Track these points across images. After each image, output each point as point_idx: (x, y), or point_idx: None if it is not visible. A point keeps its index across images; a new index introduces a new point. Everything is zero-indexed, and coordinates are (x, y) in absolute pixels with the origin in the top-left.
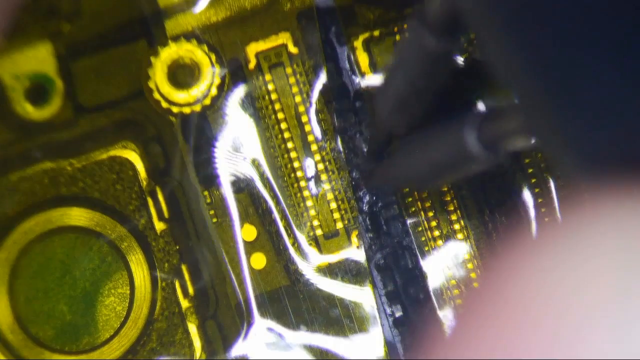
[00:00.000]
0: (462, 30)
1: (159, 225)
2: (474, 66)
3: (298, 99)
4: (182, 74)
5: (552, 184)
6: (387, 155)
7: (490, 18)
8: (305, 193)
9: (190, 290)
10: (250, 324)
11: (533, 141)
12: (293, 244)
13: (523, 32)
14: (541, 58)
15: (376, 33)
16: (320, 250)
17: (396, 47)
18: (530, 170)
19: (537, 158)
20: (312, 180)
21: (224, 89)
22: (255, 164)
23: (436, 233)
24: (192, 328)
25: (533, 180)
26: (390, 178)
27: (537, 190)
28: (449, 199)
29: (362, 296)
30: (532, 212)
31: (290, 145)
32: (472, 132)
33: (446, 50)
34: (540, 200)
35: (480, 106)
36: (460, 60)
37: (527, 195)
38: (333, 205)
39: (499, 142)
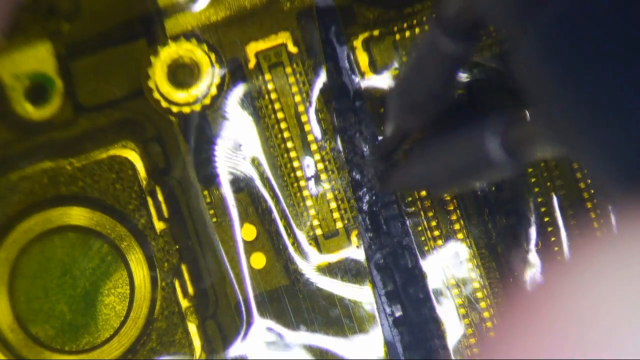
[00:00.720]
0: (479, 34)
1: (159, 225)
2: (493, 77)
3: (298, 98)
4: (181, 74)
5: (551, 184)
6: (401, 155)
7: (520, 28)
8: (305, 193)
9: (190, 289)
10: (249, 324)
11: (559, 149)
12: (293, 244)
13: (557, 44)
14: (575, 70)
15: (376, 33)
16: (319, 250)
17: (412, 49)
18: (530, 170)
19: (536, 158)
20: (312, 179)
21: (223, 89)
22: (255, 163)
23: (436, 233)
24: (192, 328)
25: (533, 180)
26: (407, 182)
27: (536, 190)
28: (448, 198)
29: (362, 296)
30: (531, 212)
31: (289, 144)
32: (494, 137)
33: (463, 55)
34: (539, 199)
35: (502, 112)
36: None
37: (527, 195)
38: (333, 204)
39: (523, 149)
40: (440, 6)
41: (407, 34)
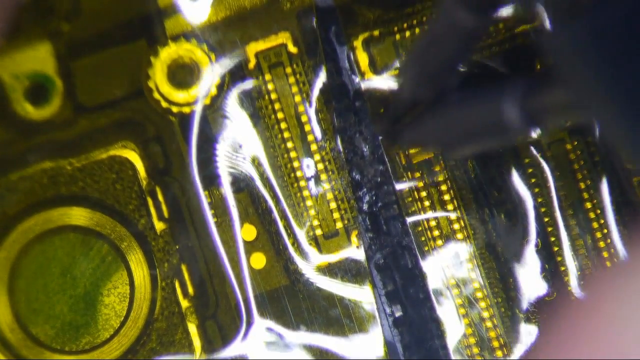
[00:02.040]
0: (497, 6)
1: (159, 225)
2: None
3: (298, 98)
4: (181, 74)
5: (551, 185)
6: (412, 116)
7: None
8: (305, 193)
9: (190, 290)
10: (250, 324)
11: (582, 117)
12: (293, 244)
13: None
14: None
15: (376, 33)
16: (320, 250)
17: (428, 21)
18: (530, 171)
19: (537, 158)
20: (312, 180)
21: (223, 89)
22: (255, 163)
23: (436, 233)
24: (192, 328)
25: (533, 180)
26: (419, 139)
27: (536, 190)
28: (448, 198)
29: (362, 296)
30: (531, 213)
31: (290, 145)
32: (513, 103)
33: (480, 28)
34: (540, 200)
35: (521, 78)
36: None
37: (526, 196)
38: (333, 205)
39: (540, 115)
40: None
41: (407, 34)
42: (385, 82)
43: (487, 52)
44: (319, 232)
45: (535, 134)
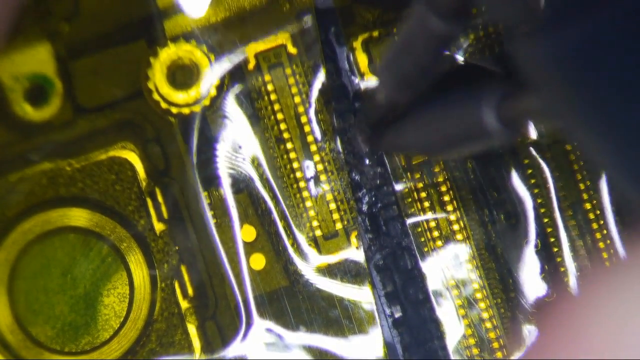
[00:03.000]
0: (470, 14)
1: (158, 226)
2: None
3: (297, 99)
4: (181, 75)
5: (551, 185)
6: (394, 120)
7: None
8: (305, 194)
9: (190, 291)
10: (249, 325)
11: (555, 124)
12: (292, 245)
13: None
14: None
15: (375, 34)
16: (319, 251)
17: (400, 26)
18: (530, 171)
19: (536, 159)
20: (312, 180)
21: (223, 90)
22: (255, 164)
23: (435, 234)
24: (192, 329)
25: (532, 181)
26: (399, 144)
27: (536, 191)
28: (448, 199)
29: (362, 297)
30: (531, 214)
31: (289, 145)
32: (490, 108)
33: (453, 34)
34: (539, 200)
35: (498, 83)
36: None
37: (526, 196)
38: (332, 205)
39: (518, 121)
40: None
41: None
42: (364, 84)
43: (477, 54)
44: (318, 233)
45: (516, 138)
